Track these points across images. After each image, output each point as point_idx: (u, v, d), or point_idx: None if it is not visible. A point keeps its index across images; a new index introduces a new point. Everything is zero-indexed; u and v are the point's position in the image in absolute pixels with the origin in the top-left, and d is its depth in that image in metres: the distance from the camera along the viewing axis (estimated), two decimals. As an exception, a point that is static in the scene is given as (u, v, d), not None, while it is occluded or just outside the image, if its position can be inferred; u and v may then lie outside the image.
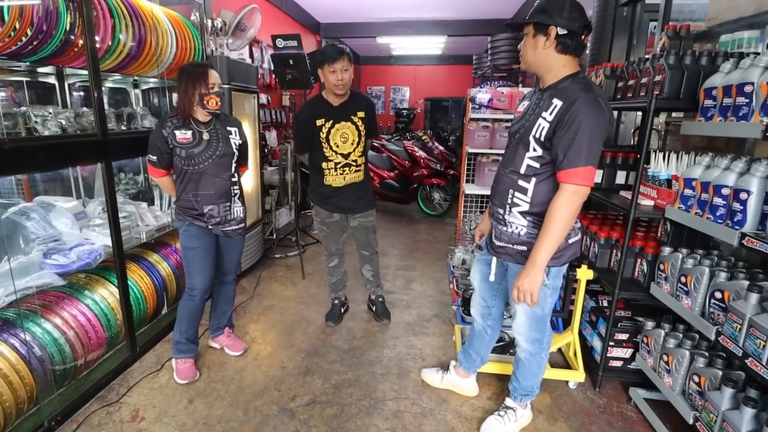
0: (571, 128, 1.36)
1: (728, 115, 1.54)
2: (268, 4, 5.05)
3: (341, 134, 2.35)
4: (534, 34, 1.45)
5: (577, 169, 1.37)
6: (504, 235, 1.61)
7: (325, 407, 1.99)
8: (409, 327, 2.73)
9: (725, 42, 1.93)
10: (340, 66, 2.21)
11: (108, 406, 1.97)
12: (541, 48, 1.45)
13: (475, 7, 5.98)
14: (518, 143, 1.54)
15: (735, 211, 1.45)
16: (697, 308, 1.63)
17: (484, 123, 3.63)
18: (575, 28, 1.40)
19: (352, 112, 2.36)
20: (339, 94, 2.31)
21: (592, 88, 1.41)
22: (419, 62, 10.17)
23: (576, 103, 1.36)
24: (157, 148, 1.94)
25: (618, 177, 2.25)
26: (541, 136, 1.44)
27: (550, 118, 1.42)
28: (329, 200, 2.49)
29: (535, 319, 1.67)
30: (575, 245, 1.60)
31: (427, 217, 5.52)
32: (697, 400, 1.62)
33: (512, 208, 1.57)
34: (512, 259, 1.62)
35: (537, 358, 1.75)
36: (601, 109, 1.37)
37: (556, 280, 1.61)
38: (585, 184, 1.39)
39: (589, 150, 1.36)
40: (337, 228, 2.61)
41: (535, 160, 1.48)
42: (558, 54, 1.44)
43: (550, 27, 1.41)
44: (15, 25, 1.61)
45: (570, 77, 1.45)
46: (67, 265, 1.91)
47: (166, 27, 2.40)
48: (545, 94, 1.49)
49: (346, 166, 2.41)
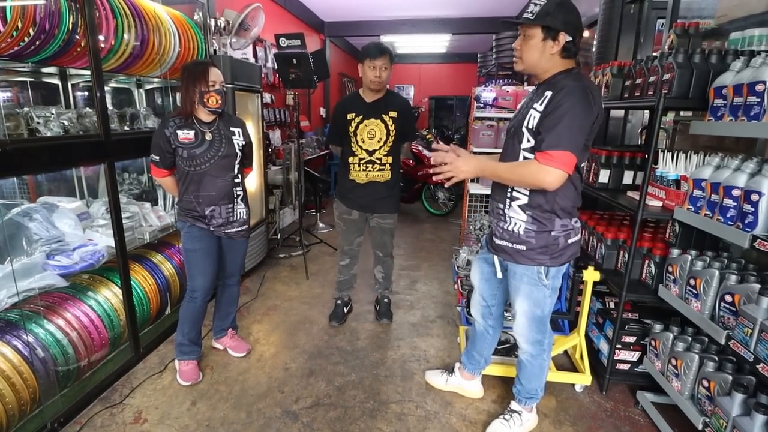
0: (555, 113, 1.37)
1: (739, 115, 1.50)
2: (271, 2, 5.04)
3: (369, 131, 2.37)
4: (543, 38, 1.44)
5: (554, 152, 1.36)
6: (505, 233, 1.61)
7: (329, 410, 1.97)
8: (414, 328, 2.71)
9: (735, 39, 1.89)
10: (380, 63, 2.25)
11: (111, 407, 1.97)
12: (548, 53, 1.45)
13: (480, 5, 5.93)
14: (513, 136, 1.56)
15: (746, 212, 1.42)
16: (706, 311, 1.60)
17: (489, 122, 3.61)
18: (577, 36, 1.44)
19: (384, 110, 2.37)
20: (373, 90, 2.34)
21: (582, 80, 1.42)
22: (423, 60, 10.13)
23: (563, 90, 1.38)
24: (160, 147, 1.93)
25: (625, 177, 2.22)
26: (532, 126, 1.46)
27: (540, 108, 1.44)
28: (350, 195, 2.50)
29: (534, 320, 1.66)
30: (574, 245, 1.59)
31: (431, 217, 5.50)
32: (707, 405, 1.59)
33: (512, 202, 1.57)
34: (511, 258, 1.61)
35: (539, 360, 1.74)
36: (588, 98, 1.38)
37: (555, 281, 1.61)
38: (561, 168, 1.37)
39: (569, 136, 1.36)
40: (354, 227, 2.59)
41: (530, 151, 1.49)
42: (561, 59, 1.46)
43: (560, 33, 1.41)
44: (17, 24, 1.60)
45: (564, 72, 1.47)
46: (70, 267, 1.91)
47: (169, 27, 2.39)
48: (539, 88, 1.51)
49: (370, 163, 2.41)
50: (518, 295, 1.64)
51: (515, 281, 1.64)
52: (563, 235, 1.54)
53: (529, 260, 1.57)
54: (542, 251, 1.54)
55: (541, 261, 1.55)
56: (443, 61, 10.10)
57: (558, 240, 1.54)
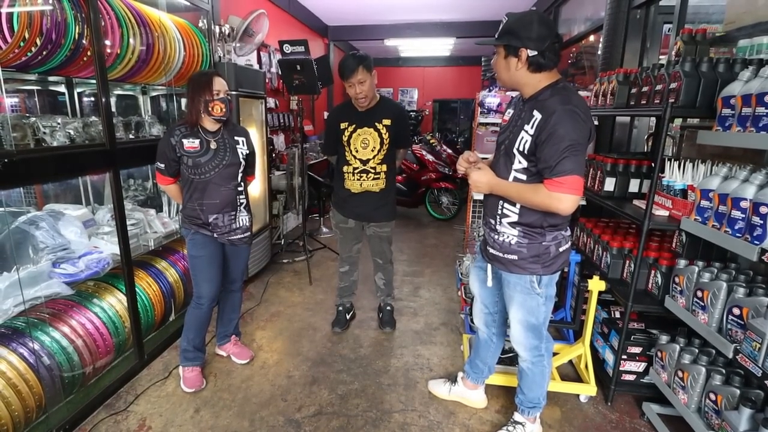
0: (552, 140, 1.36)
1: (747, 125, 1.49)
2: (275, 8, 5.06)
3: (362, 140, 2.34)
4: (505, 55, 1.46)
5: (563, 178, 1.36)
6: (496, 243, 1.62)
7: (331, 419, 1.97)
8: (417, 336, 2.70)
9: (743, 47, 1.87)
10: (356, 79, 2.20)
11: (115, 414, 1.98)
12: (513, 69, 1.46)
13: (484, 9, 5.92)
14: (504, 155, 1.56)
15: (755, 225, 1.40)
16: (714, 324, 1.58)
17: (493, 128, 3.59)
18: (545, 48, 1.39)
19: (377, 119, 2.34)
20: (361, 106, 2.31)
21: (570, 99, 1.40)
22: (427, 64, 10.12)
23: (554, 117, 1.37)
24: (165, 156, 1.95)
25: (631, 185, 2.20)
26: (524, 149, 1.46)
27: (531, 131, 1.43)
28: (345, 204, 2.49)
29: (529, 328, 1.67)
30: (565, 254, 1.61)
31: (435, 221, 5.49)
32: (714, 418, 1.57)
33: (502, 219, 1.58)
34: (504, 268, 1.62)
35: (539, 367, 1.73)
36: (580, 120, 1.38)
37: (549, 289, 1.61)
38: (573, 193, 1.38)
39: (574, 159, 1.36)
40: (351, 235, 2.59)
41: (521, 172, 1.50)
42: (531, 73, 1.45)
43: (520, 49, 1.41)
44: (25, 35, 1.61)
45: (549, 87, 1.45)
46: (76, 275, 1.92)
47: (173, 34, 2.41)
48: (527, 105, 1.50)
49: (364, 172, 2.39)
50: (512, 304, 1.65)
51: (509, 290, 1.64)
52: (554, 244, 1.55)
53: (521, 269, 1.57)
54: (534, 260, 1.55)
55: (534, 270, 1.56)
56: (447, 64, 10.08)
57: (549, 249, 1.54)
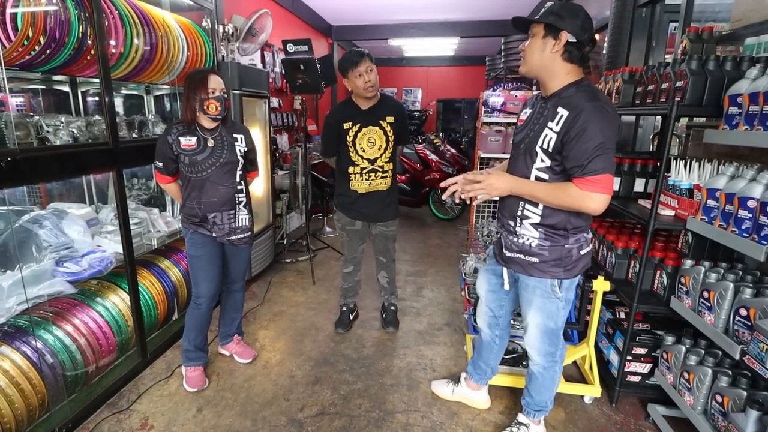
0: (583, 138, 1.33)
1: (755, 124, 1.47)
2: (279, 7, 5.06)
3: (368, 139, 2.33)
4: (544, 35, 1.42)
5: (595, 177, 1.33)
6: (515, 245, 1.58)
7: (334, 419, 1.96)
8: (420, 336, 2.69)
9: (750, 45, 1.85)
10: (364, 68, 2.20)
11: (118, 413, 1.98)
12: (548, 51, 1.42)
13: (488, 8, 5.90)
14: (524, 154, 1.51)
15: (762, 224, 1.38)
16: (720, 325, 1.56)
17: (497, 127, 3.58)
18: (584, 39, 1.39)
19: (381, 116, 2.33)
20: (370, 97, 2.29)
21: (597, 96, 1.38)
22: (431, 63, 10.09)
23: (583, 114, 1.34)
24: (163, 154, 1.95)
25: (636, 185, 2.18)
26: (549, 147, 1.42)
27: (557, 128, 1.39)
28: (352, 206, 2.46)
29: (547, 333, 1.63)
30: (586, 256, 1.57)
31: (438, 222, 5.47)
32: (720, 421, 1.55)
33: (523, 221, 1.53)
34: (523, 270, 1.58)
35: (550, 372, 1.70)
36: (609, 116, 1.35)
37: (568, 293, 1.58)
38: (604, 192, 1.35)
39: (605, 158, 1.33)
40: (357, 237, 2.58)
41: (544, 171, 1.46)
42: (563, 61, 1.42)
43: (562, 32, 1.39)
44: (28, 33, 1.62)
45: (574, 84, 1.43)
46: (79, 273, 1.92)
47: (177, 33, 2.41)
48: (549, 102, 1.46)
49: (372, 171, 2.38)
50: (531, 308, 1.61)
51: (527, 294, 1.60)
52: (576, 247, 1.51)
53: (542, 273, 1.53)
54: (556, 263, 1.51)
55: (555, 273, 1.52)
56: (451, 64, 10.05)
57: (571, 252, 1.51)
